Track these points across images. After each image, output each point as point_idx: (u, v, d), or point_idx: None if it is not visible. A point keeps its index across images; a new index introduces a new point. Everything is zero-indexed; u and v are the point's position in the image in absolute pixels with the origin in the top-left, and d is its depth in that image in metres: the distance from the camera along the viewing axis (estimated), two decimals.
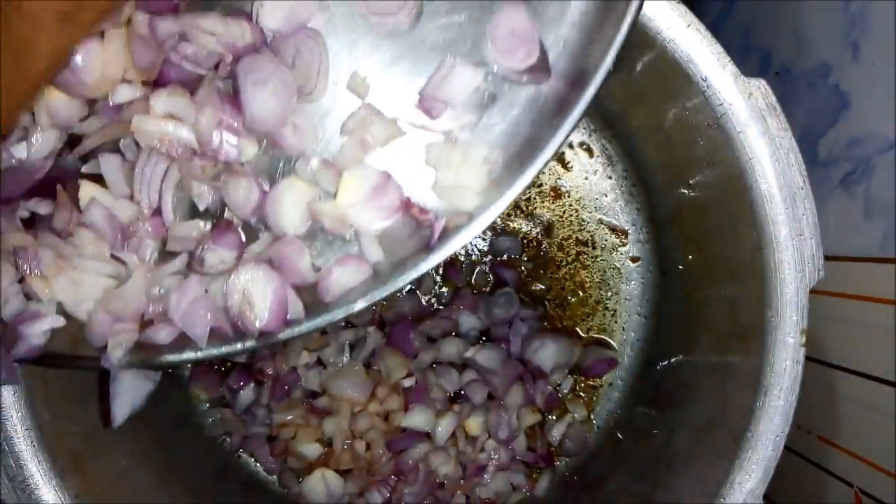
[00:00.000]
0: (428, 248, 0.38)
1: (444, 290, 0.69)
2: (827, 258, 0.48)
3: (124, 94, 0.37)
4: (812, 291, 0.48)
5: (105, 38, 0.36)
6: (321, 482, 0.65)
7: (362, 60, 0.38)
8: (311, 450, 0.66)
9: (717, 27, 0.47)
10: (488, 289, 0.69)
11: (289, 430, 0.66)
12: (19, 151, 0.38)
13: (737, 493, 0.49)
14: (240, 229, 0.39)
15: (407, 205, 0.38)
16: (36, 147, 0.38)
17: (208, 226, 0.39)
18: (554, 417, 0.68)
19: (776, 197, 0.47)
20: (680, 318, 0.64)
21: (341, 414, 0.65)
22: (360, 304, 0.38)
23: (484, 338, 0.68)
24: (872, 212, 0.53)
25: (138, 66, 0.37)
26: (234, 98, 0.37)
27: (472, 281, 0.69)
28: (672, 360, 0.64)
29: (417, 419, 0.64)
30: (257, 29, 0.36)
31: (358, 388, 0.64)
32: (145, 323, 0.39)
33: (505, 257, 0.69)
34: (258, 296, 0.38)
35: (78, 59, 0.36)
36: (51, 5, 0.32)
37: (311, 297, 0.39)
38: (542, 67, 0.37)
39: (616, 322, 0.69)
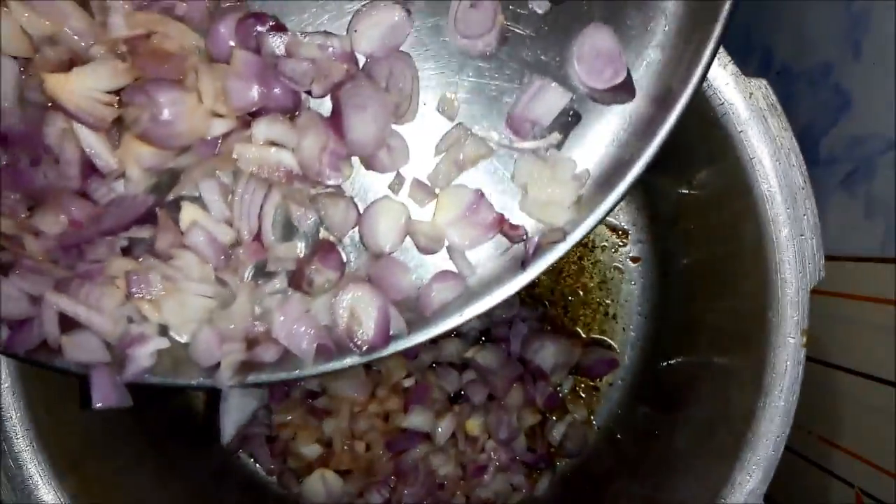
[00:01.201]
0: (523, 264, 0.39)
1: None
2: (827, 258, 0.48)
3: (219, 127, 0.37)
4: (812, 291, 0.48)
5: (186, 85, 0.36)
6: (321, 483, 0.65)
7: (451, 81, 0.39)
8: (311, 450, 0.66)
9: None
10: None
11: (289, 431, 0.66)
12: (119, 187, 0.38)
13: (738, 494, 0.49)
14: (340, 249, 0.40)
15: (500, 221, 0.39)
16: (134, 184, 0.38)
17: (303, 245, 0.40)
18: (554, 418, 0.68)
19: (777, 197, 0.47)
20: (680, 318, 0.65)
21: (341, 414, 0.65)
22: (458, 319, 0.40)
23: (484, 338, 0.68)
24: (873, 212, 0.53)
25: (238, 105, 0.37)
26: (331, 121, 0.38)
27: None
28: (673, 360, 0.64)
29: (417, 420, 0.64)
30: (352, 53, 0.37)
31: (358, 388, 0.64)
32: (249, 342, 0.40)
33: None
34: (364, 313, 0.39)
35: (166, 112, 0.35)
36: None
37: (412, 314, 0.40)
38: (627, 87, 0.38)
39: (617, 322, 0.69)
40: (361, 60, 0.38)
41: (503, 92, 0.39)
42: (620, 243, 0.69)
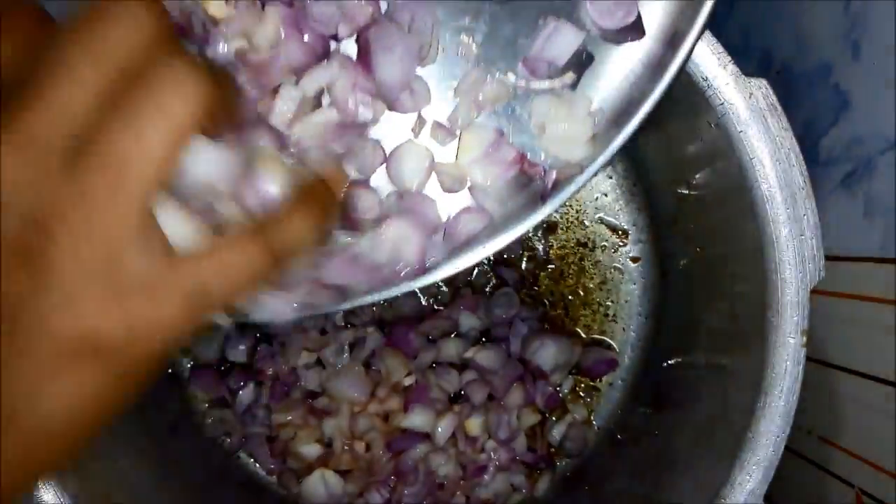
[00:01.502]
0: (542, 198, 0.40)
1: (444, 289, 0.69)
2: (827, 258, 0.48)
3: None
4: (813, 291, 0.48)
5: None
6: (321, 482, 0.65)
7: (468, 26, 0.40)
8: (311, 450, 0.66)
9: (718, 27, 0.47)
10: (489, 289, 0.69)
11: (288, 431, 0.66)
12: None
13: (737, 494, 0.49)
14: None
15: (521, 159, 0.41)
16: None
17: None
18: (554, 418, 0.69)
19: (777, 197, 0.47)
20: (680, 318, 0.65)
21: (341, 414, 0.65)
22: (482, 252, 0.41)
23: (484, 338, 0.68)
24: (873, 212, 0.53)
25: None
26: (359, 62, 0.39)
27: (472, 280, 0.69)
28: (672, 360, 0.64)
29: (417, 420, 0.64)
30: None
31: (358, 388, 0.64)
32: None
33: (505, 257, 0.69)
34: (404, 244, 0.40)
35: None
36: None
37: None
38: (637, 27, 0.40)
39: (616, 322, 0.69)
40: (384, 7, 0.39)
41: (518, 35, 0.40)
42: (620, 243, 0.69)
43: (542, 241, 0.69)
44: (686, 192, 0.59)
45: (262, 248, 0.30)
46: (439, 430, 0.64)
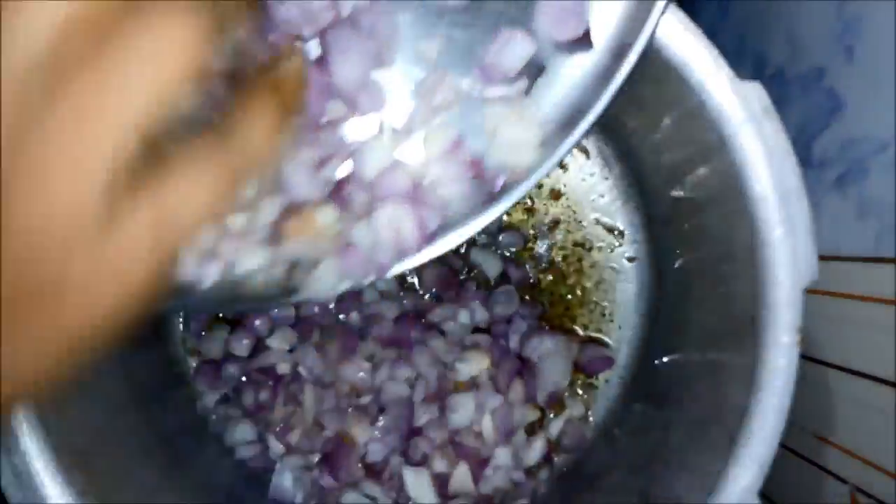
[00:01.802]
0: (491, 198, 0.42)
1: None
2: (820, 258, 0.48)
3: None
4: (806, 291, 0.48)
5: None
6: None
7: (428, 33, 0.42)
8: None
9: (713, 30, 0.47)
10: (492, 284, 0.70)
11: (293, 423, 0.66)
12: None
13: (732, 489, 0.49)
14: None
15: (476, 162, 0.42)
16: None
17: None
18: (552, 414, 0.69)
19: (771, 198, 0.48)
20: (675, 316, 0.65)
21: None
22: (432, 250, 0.43)
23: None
24: (865, 213, 0.54)
25: None
26: (317, 65, 0.40)
27: (475, 276, 0.70)
28: (668, 358, 0.65)
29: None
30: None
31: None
32: None
33: (507, 253, 0.70)
34: (402, 224, 0.41)
35: None
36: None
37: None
38: (586, 40, 0.42)
39: (613, 321, 0.70)
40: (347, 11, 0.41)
41: (475, 42, 0.42)
42: (616, 243, 0.70)
43: (546, 241, 0.70)
44: (681, 193, 0.59)
45: (223, 165, 0.28)
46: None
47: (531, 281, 0.70)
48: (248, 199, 0.39)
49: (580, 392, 0.70)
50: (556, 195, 0.69)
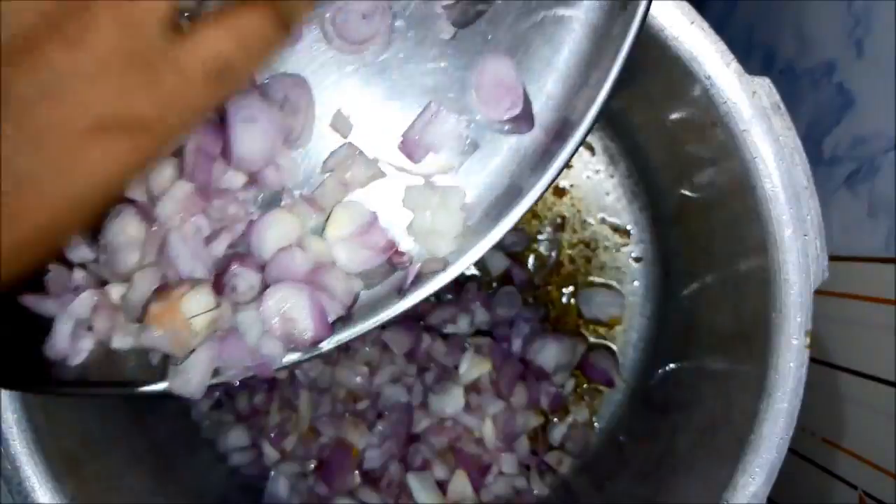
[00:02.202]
0: (400, 292, 0.38)
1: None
2: (831, 258, 0.47)
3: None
4: (816, 292, 0.48)
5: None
6: None
7: (349, 99, 0.38)
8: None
9: (721, 25, 0.47)
10: (494, 285, 0.69)
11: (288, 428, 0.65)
12: None
13: (740, 496, 0.48)
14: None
15: (391, 246, 0.38)
16: None
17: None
18: (556, 419, 0.68)
19: (780, 196, 0.47)
20: (683, 319, 0.64)
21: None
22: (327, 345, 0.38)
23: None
24: (877, 211, 0.53)
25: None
26: (209, 129, 0.36)
27: (478, 277, 0.69)
28: (674, 361, 0.64)
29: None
30: None
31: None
32: None
33: (509, 253, 0.69)
34: (296, 311, 0.37)
35: None
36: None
37: None
38: (525, 118, 0.38)
39: (619, 324, 0.69)
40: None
41: (401, 114, 0.38)
42: (622, 243, 0.69)
43: (552, 241, 0.69)
44: (688, 191, 0.59)
45: (271, 9, 0.30)
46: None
47: (534, 282, 0.69)
48: (129, 269, 0.37)
49: (585, 397, 0.69)
50: (560, 192, 0.69)
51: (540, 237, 0.69)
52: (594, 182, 0.69)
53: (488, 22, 0.38)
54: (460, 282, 0.69)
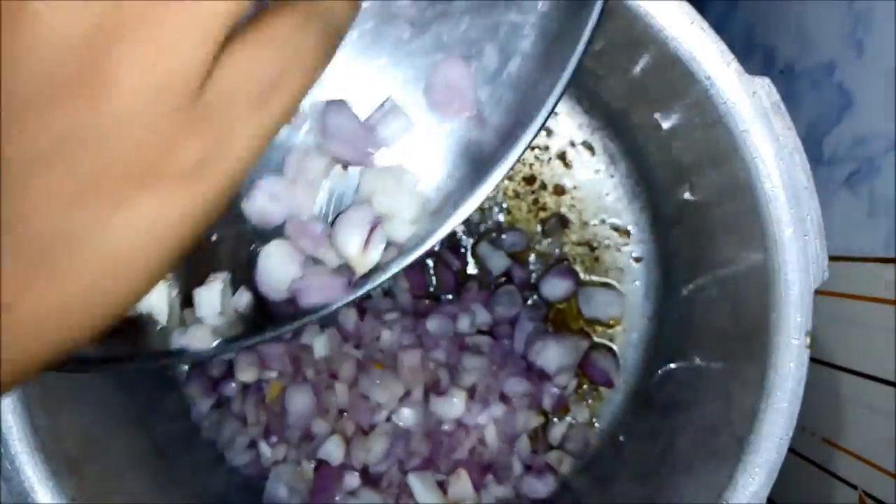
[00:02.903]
0: (350, 282, 0.39)
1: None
2: (831, 258, 0.47)
3: None
4: (816, 292, 0.48)
5: None
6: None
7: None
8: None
9: (721, 25, 0.47)
10: (492, 286, 0.69)
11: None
12: None
13: (740, 496, 0.48)
14: None
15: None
16: None
17: None
18: (556, 420, 0.68)
19: (780, 196, 0.47)
20: (683, 319, 0.64)
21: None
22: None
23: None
24: (876, 211, 0.53)
25: None
26: None
27: (477, 275, 0.69)
28: (675, 361, 0.64)
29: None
30: None
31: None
32: None
33: (510, 252, 0.69)
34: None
35: None
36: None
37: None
38: (476, 120, 0.39)
39: (619, 324, 0.69)
40: None
41: (358, 108, 0.39)
42: (623, 243, 0.69)
43: (550, 240, 0.69)
44: (688, 191, 0.58)
45: (303, 12, 0.27)
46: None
47: (534, 282, 0.69)
48: None
49: (585, 397, 0.69)
50: (559, 190, 0.69)
51: (539, 237, 0.69)
52: (594, 181, 0.68)
53: (442, 23, 0.38)
54: (460, 282, 0.69)
